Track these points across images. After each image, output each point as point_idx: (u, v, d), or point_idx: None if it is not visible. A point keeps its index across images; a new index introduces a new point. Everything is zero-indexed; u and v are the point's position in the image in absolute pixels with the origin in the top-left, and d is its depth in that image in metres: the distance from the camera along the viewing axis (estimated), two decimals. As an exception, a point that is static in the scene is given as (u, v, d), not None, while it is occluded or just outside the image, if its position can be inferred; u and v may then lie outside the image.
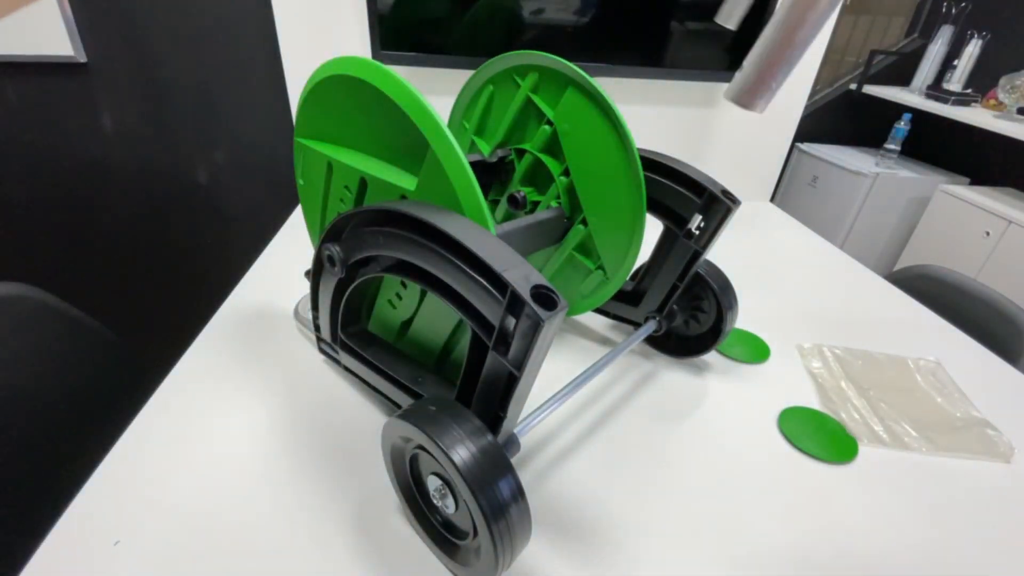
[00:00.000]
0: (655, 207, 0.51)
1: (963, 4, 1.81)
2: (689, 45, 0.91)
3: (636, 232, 0.49)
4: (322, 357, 0.56)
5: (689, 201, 0.48)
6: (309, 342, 0.59)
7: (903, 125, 1.92)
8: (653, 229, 0.52)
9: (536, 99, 0.51)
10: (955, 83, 1.87)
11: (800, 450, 0.50)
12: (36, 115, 1.53)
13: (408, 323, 0.45)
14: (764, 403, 0.56)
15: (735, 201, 0.47)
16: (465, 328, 0.42)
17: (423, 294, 0.42)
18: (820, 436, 0.52)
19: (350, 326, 0.48)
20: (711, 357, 0.63)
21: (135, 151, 1.64)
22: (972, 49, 1.81)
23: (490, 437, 0.32)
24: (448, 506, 0.35)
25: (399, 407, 0.45)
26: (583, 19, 0.87)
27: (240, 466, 0.44)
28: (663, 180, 0.50)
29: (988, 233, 1.65)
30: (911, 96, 1.92)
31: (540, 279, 0.30)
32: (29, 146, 1.56)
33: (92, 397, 0.63)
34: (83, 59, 1.45)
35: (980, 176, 1.95)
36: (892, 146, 1.94)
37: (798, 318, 0.72)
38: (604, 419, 0.52)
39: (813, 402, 0.57)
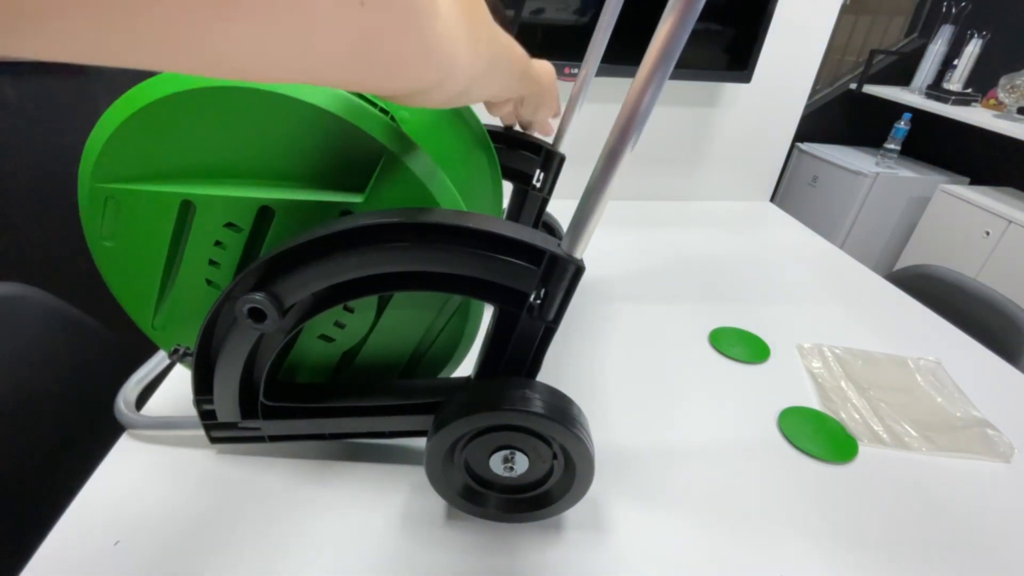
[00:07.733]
0: (504, 172, 0.57)
1: (963, 4, 1.81)
2: (689, 45, 0.91)
3: (497, 199, 0.52)
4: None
5: (531, 160, 0.56)
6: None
7: (903, 125, 1.91)
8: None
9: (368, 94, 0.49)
10: (955, 83, 1.87)
11: (800, 450, 0.50)
12: (36, 115, 1.52)
13: (355, 349, 0.41)
14: (764, 403, 0.56)
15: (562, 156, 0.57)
16: (441, 323, 0.41)
17: (380, 309, 0.39)
18: (820, 436, 0.52)
19: (275, 385, 0.41)
20: (711, 357, 0.63)
21: (135, 151, 1.64)
22: (972, 49, 1.81)
23: (537, 382, 0.37)
24: (518, 468, 0.37)
25: (383, 434, 0.43)
26: (583, 19, 0.87)
27: (241, 465, 0.44)
28: (506, 148, 0.56)
29: (988, 233, 1.65)
30: (911, 96, 1.92)
31: (554, 239, 0.33)
32: (29, 146, 1.56)
33: (92, 396, 0.63)
34: (83, 59, 1.45)
35: (980, 176, 1.95)
36: (892, 146, 1.94)
37: (798, 318, 0.72)
38: (601, 418, 0.53)
39: (813, 402, 0.57)
